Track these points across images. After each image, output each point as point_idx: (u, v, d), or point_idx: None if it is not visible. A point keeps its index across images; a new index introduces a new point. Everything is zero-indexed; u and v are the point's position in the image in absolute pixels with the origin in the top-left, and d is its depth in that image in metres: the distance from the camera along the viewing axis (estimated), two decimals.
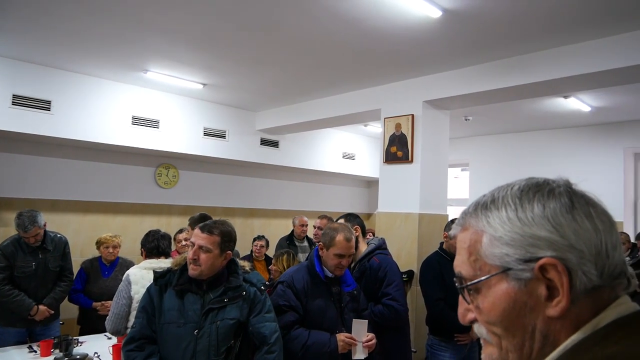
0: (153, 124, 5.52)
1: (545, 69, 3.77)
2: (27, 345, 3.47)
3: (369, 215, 8.89)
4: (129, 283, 2.92)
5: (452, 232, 0.78)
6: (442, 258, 3.52)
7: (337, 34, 3.60)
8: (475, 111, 5.79)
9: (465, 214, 0.76)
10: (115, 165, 5.99)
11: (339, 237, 2.59)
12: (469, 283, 0.71)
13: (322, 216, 4.24)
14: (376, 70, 4.49)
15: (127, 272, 3.03)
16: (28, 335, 3.74)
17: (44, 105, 4.74)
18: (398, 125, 4.61)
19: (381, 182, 4.83)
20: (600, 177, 6.10)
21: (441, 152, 4.74)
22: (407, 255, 4.44)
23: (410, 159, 4.51)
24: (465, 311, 0.74)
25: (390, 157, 4.67)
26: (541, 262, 0.64)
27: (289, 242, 5.59)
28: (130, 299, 2.87)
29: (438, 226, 4.52)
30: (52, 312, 3.79)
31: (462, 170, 9.26)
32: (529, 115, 5.96)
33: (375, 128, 7.08)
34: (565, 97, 5.03)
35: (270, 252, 5.74)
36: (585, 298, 0.64)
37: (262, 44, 3.90)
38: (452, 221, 3.53)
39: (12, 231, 4.00)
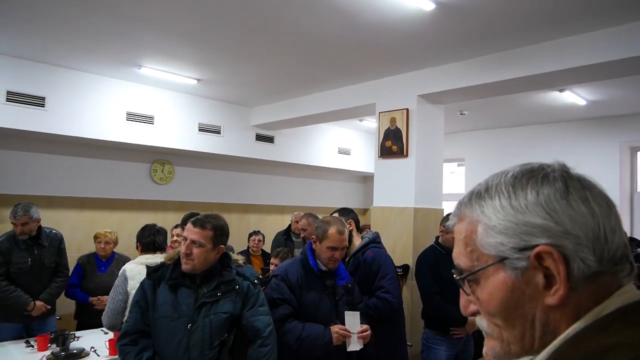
0: (148, 119, 5.51)
1: (540, 62, 3.76)
2: (24, 340, 3.48)
3: (365, 211, 8.90)
4: (126, 279, 2.93)
5: (449, 224, 0.78)
6: (437, 252, 3.53)
7: (331, 27, 3.60)
8: (470, 105, 5.80)
9: (460, 204, 0.75)
10: (110, 162, 5.98)
11: (332, 230, 2.60)
12: (466, 274, 0.71)
13: (305, 214, 4.18)
14: (370, 65, 4.49)
15: (124, 267, 3.04)
16: (25, 330, 3.75)
17: (38, 101, 4.73)
18: (393, 120, 4.62)
19: (376, 176, 4.84)
20: (595, 171, 5.93)
21: (436, 146, 4.75)
22: (402, 250, 4.45)
23: (405, 154, 4.52)
24: (467, 303, 0.73)
25: (385, 152, 4.68)
26: (536, 250, 0.63)
27: (286, 237, 5.60)
28: (127, 294, 2.88)
29: (433, 220, 4.54)
30: (49, 307, 3.81)
31: (458, 165, 9.26)
32: (524, 109, 5.96)
33: (371, 123, 7.08)
34: (561, 90, 5.02)
35: (266, 247, 5.76)
36: (586, 285, 0.62)
37: (255, 39, 3.89)
38: (449, 215, 3.53)
39: (7, 227, 4.00)
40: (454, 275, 0.74)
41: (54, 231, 3.96)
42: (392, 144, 4.61)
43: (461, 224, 0.73)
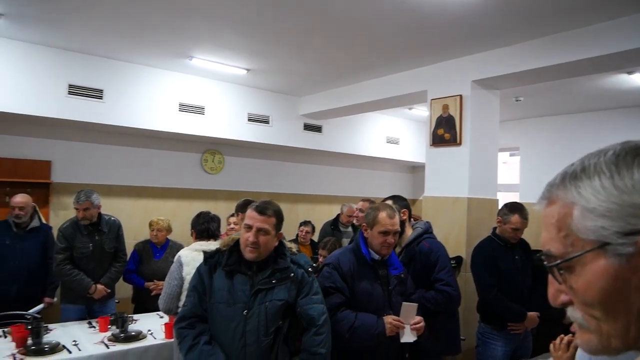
0: (199, 110, 5.61)
1: (605, 42, 3.51)
2: (87, 321, 3.65)
3: (413, 201, 8.75)
4: (181, 265, 2.99)
5: (536, 207, 0.72)
6: (495, 244, 3.41)
7: (382, 11, 3.51)
8: (526, 91, 5.54)
9: (550, 186, 0.69)
10: (164, 152, 6.15)
11: (382, 215, 2.56)
12: (560, 261, 0.64)
13: (365, 199, 4.19)
14: (422, 50, 4.36)
15: (179, 253, 3.10)
16: (87, 312, 3.93)
17: (96, 94, 4.91)
18: (445, 107, 4.48)
19: (428, 165, 4.72)
20: None
21: (491, 134, 4.57)
22: (455, 241, 4.33)
23: (458, 142, 4.37)
24: (556, 292, 0.67)
25: (437, 140, 4.55)
26: None
27: (334, 227, 5.59)
28: (182, 279, 2.94)
29: (488, 211, 4.38)
30: (109, 290, 3.96)
31: (510, 155, 8.94)
32: (587, 94, 5.63)
33: (420, 112, 6.92)
34: (629, 72, 4.70)
35: (315, 237, 5.77)
36: None
37: (304, 26, 3.85)
38: (506, 205, 3.39)
39: (69, 214, 4.19)
40: (544, 262, 0.67)
41: (112, 218, 4.11)
42: (445, 131, 4.48)
43: (552, 207, 0.67)
